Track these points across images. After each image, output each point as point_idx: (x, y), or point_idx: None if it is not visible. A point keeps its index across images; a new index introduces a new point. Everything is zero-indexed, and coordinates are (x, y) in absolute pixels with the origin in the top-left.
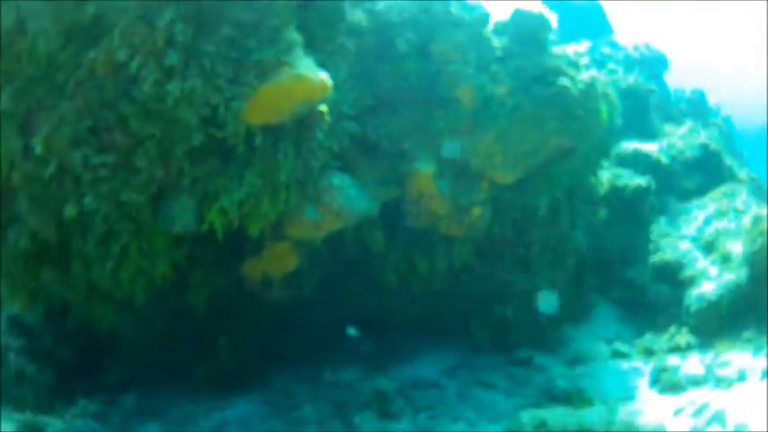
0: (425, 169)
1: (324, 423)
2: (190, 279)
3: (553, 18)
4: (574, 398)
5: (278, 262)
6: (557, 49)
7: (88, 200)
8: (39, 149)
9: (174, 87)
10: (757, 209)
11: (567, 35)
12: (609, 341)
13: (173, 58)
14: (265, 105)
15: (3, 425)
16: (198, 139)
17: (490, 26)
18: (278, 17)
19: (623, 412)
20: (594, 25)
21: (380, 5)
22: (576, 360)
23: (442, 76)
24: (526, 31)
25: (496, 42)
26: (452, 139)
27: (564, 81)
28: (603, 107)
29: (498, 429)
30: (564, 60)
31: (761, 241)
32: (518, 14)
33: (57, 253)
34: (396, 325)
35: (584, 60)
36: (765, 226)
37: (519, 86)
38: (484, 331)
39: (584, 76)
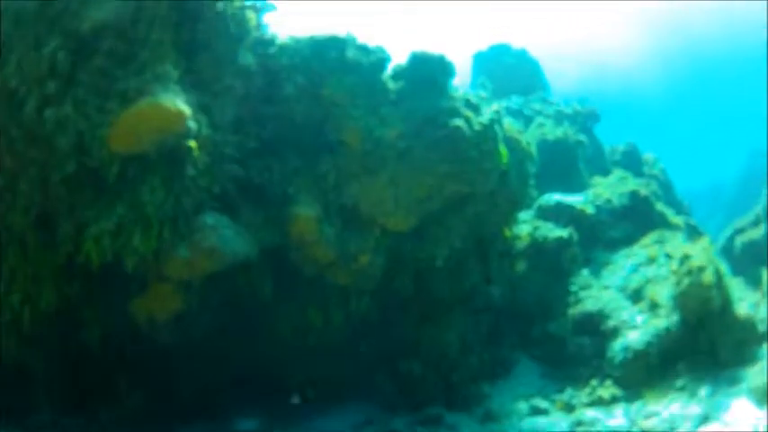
0: (306, 213)
1: None
2: (82, 316)
3: (455, 63)
4: None
5: (162, 302)
6: (458, 92)
7: None
8: None
9: (50, 114)
10: (686, 249)
11: (501, 91)
12: (528, 397)
13: (51, 86)
14: (126, 133)
15: None
16: (72, 166)
17: (389, 70)
18: (150, 51)
19: None
20: (530, 82)
21: (274, 49)
22: (489, 417)
23: (330, 119)
24: (424, 75)
25: (392, 86)
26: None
27: (457, 122)
28: (503, 149)
29: None
30: (462, 102)
31: (688, 281)
32: (415, 58)
33: None
34: (295, 380)
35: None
36: (694, 265)
37: (411, 129)
38: (391, 388)
39: (484, 117)
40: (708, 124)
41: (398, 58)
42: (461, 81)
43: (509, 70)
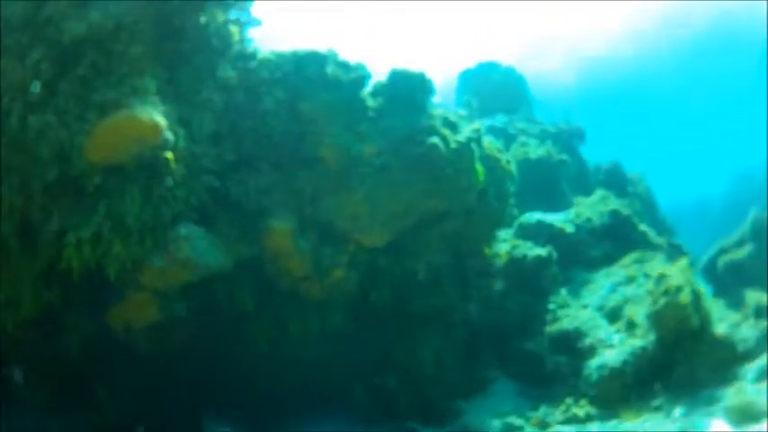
0: (281, 226)
1: None
2: (63, 322)
3: (435, 79)
4: None
5: (139, 311)
6: (437, 110)
7: None
8: None
9: (33, 121)
10: (664, 269)
11: (488, 109)
12: (503, 415)
13: (35, 94)
14: (103, 143)
15: None
16: (53, 175)
17: (369, 87)
18: (129, 65)
19: None
20: (517, 100)
21: (255, 63)
22: None
23: (307, 135)
24: (403, 92)
25: (371, 102)
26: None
27: (433, 140)
28: (479, 168)
29: None
30: (440, 121)
31: (664, 301)
32: (395, 75)
33: None
34: (271, 392)
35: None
36: (671, 285)
37: (388, 146)
38: (368, 401)
39: (461, 135)
40: (698, 138)
41: (386, 61)
42: (448, 94)
43: (496, 88)
